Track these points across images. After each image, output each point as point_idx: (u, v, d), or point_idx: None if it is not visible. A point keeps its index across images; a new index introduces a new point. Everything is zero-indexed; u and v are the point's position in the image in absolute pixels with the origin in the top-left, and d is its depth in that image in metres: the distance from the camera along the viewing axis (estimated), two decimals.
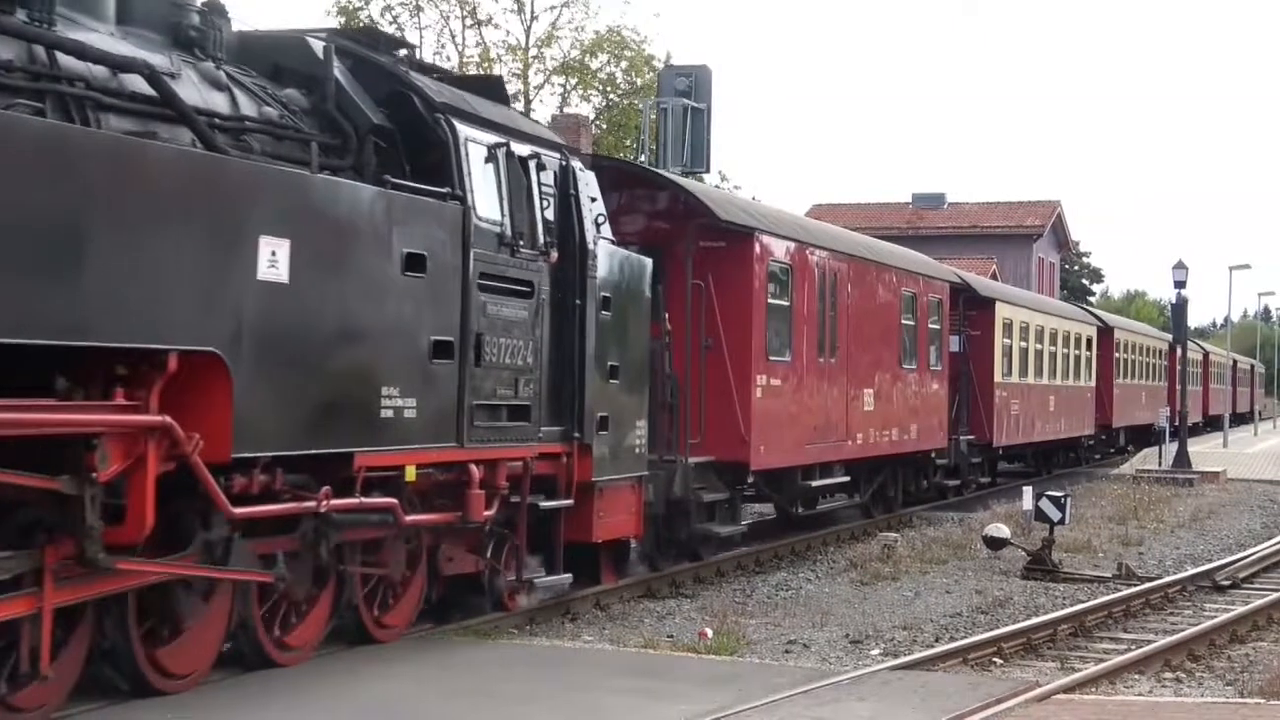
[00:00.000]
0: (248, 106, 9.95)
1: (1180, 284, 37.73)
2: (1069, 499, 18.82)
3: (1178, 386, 45.61)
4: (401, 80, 11.27)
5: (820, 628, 13.95)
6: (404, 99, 11.19)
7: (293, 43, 11.02)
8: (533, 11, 43.68)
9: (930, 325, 24.32)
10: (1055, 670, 12.20)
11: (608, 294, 13.20)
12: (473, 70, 40.67)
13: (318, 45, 10.82)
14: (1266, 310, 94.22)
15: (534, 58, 43.72)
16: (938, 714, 9.40)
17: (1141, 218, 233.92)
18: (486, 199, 11.39)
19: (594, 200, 13.32)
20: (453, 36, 44.25)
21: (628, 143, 40.32)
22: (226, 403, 8.51)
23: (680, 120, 26.47)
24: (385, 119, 10.98)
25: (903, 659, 12.01)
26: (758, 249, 17.50)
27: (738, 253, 17.26)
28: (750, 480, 17.70)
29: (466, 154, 11.23)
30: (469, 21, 43.98)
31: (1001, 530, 18.80)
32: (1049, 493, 18.96)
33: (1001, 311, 29.08)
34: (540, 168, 12.20)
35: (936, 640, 13.40)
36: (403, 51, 12.03)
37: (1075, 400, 35.22)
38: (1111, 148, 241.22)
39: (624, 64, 43.67)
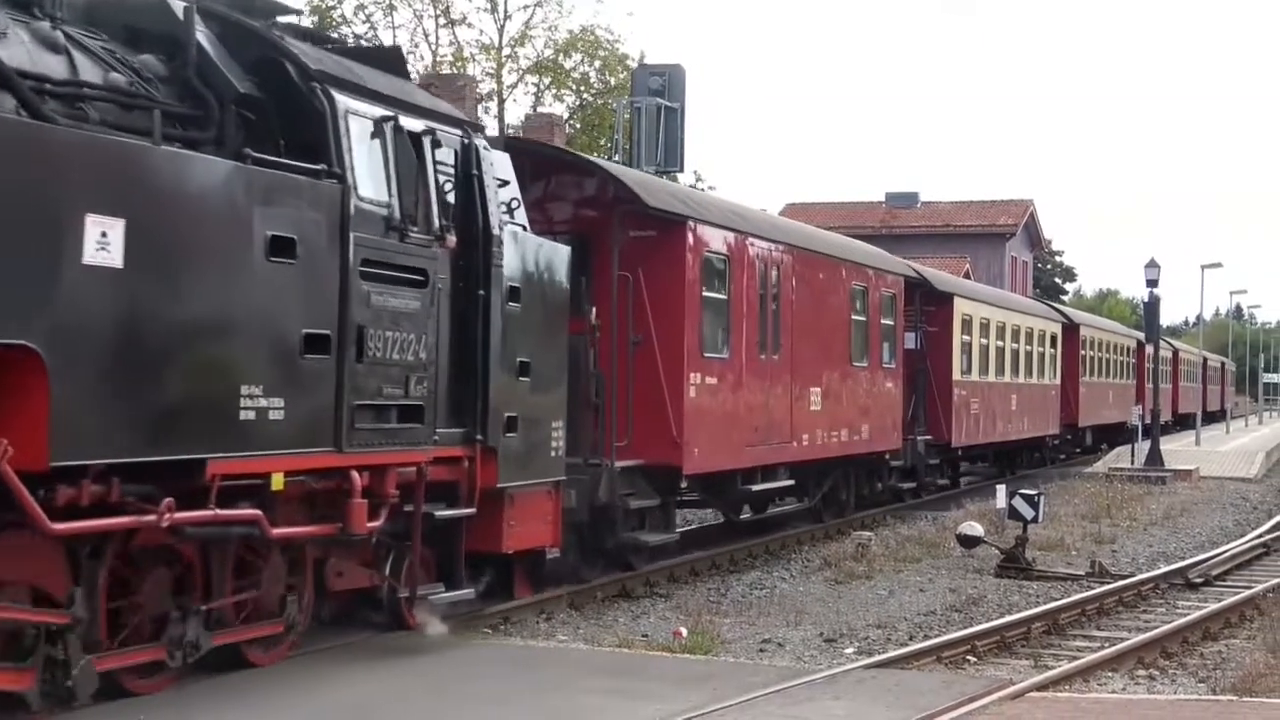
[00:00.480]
0: (89, 71, 8.95)
1: (1153, 282, 37.56)
2: (1042, 497, 19.04)
3: (1147, 385, 45.15)
4: (274, 46, 10.21)
5: (795, 627, 13.97)
6: (277, 67, 10.10)
7: (151, 3, 9.90)
8: (506, 10, 43.49)
9: (883, 321, 23.14)
10: (1029, 668, 12.24)
11: (516, 284, 12.13)
12: (446, 70, 40.27)
13: (179, 6, 9.71)
14: (1239, 308, 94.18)
15: (507, 57, 43.55)
16: (912, 712, 9.40)
17: (1114, 217, 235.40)
18: (371, 178, 10.35)
19: (506, 183, 12.34)
20: (426, 36, 44.16)
21: (602, 142, 40.04)
22: (42, 403, 7.53)
23: (654, 119, 26.41)
24: (255, 88, 9.93)
25: (877, 657, 12.06)
26: (691, 239, 16.34)
27: (669, 242, 16.11)
28: (684, 485, 16.50)
29: (347, 127, 10.18)
30: (442, 21, 43.79)
31: (975, 528, 18.75)
32: (1022, 491, 19.04)
33: (960, 307, 27.97)
34: (436, 145, 11.13)
35: (911, 639, 13.43)
36: (287, 18, 11.09)
37: (1039, 399, 34.02)
38: (1084, 147, 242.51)
39: (597, 63, 43.49)
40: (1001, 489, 20.07)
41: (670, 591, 15.84)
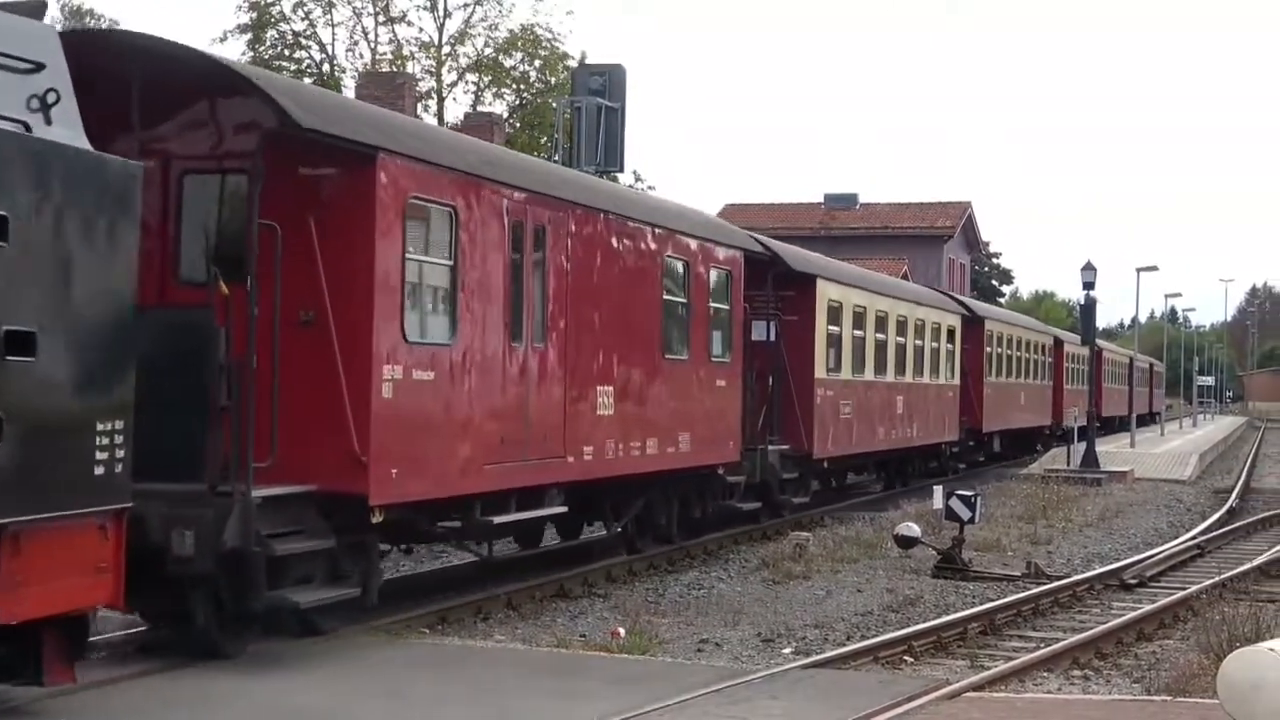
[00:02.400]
0: None
1: (1089, 285, 37.97)
2: (979, 498, 19.05)
3: (1065, 386, 45.43)
4: None
5: (732, 627, 13.98)
6: None
7: None
8: (446, 8, 43.51)
9: (713, 304, 18.60)
10: (965, 668, 12.34)
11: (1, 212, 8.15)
12: (386, 68, 40.35)
13: None
14: (1174, 311, 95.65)
15: (447, 55, 43.61)
16: (849, 712, 9.43)
17: (1055, 220, 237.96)
18: None
19: (39, 67, 8.71)
20: (365, 33, 44.10)
21: (543, 141, 40.21)
22: None
23: (594, 119, 26.38)
24: None
25: (814, 657, 12.09)
26: (384, 178, 11.81)
27: (351, 184, 11.69)
28: (377, 519, 11.90)
29: None
30: (382, 18, 43.77)
31: (912, 529, 18.84)
32: (959, 492, 19.05)
33: (825, 291, 23.48)
34: None
35: (848, 639, 13.50)
36: None
37: (933, 401, 29.95)
38: (1027, 151, 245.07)
39: (538, 62, 43.59)
40: (939, 489, 20.08)
41: (608, 591, 15.67)
